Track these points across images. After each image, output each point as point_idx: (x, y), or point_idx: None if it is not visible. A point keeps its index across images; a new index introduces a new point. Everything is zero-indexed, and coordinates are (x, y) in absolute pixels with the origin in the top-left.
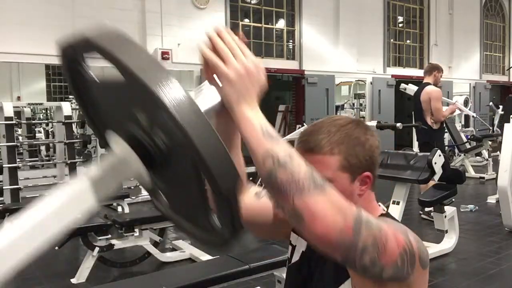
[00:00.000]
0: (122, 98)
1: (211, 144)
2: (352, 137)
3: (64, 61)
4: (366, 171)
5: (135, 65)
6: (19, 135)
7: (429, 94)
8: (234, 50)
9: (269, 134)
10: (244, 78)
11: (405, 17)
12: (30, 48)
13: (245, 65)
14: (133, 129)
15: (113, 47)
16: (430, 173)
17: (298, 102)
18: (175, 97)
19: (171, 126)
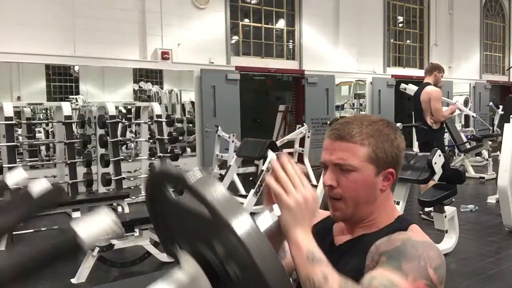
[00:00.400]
0: (199, 224)
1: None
2: (382, 132)
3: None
4: (391, 167)
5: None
6: (19, 135)
7: (429, 94)
8: (294, 181)
9: (312, 258)
10: (302, 206)
11: (405, 17)
12: (30, 48)
13: (303, 195)
14: (207, 254)
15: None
16: (430, 173)
17: (298, 102)
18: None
19: (247, 263)
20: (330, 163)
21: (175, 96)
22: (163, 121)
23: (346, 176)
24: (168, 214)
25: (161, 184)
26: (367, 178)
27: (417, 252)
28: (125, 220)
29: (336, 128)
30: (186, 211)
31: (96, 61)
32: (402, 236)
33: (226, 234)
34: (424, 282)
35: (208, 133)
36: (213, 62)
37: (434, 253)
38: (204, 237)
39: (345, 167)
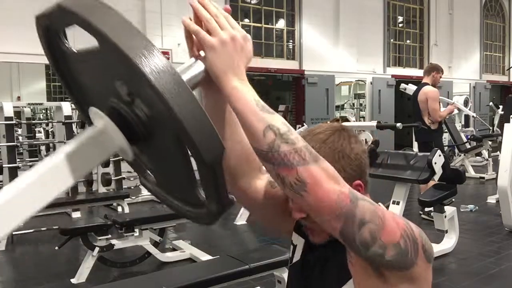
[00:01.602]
0: (102, 70)
1: (192, 113)
2: (336, 150)
3: (41, 33)
4: (356, 180)
5: (113, 33)
6: (19, 135)
7: (426, 94)
8: (218, 18)
9: (264, 107)
10: (230, 47)
11: (405, 17)
12: (30, 48)
13: (230, 33)
14: (114, 102)
15: (91, 15)
16: (430, 173)
17: (298, 102)
18: (156, 66)
19: (152, 96)
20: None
21: None
22: None
23: None
24: (73, 69)
25: (55, 34)
26: None
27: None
28: (125, 220)
29: None
30: (85, 58)
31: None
32: None
33: (126, 69)
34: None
35: None
36: None
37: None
38: (109, 83)
39: None
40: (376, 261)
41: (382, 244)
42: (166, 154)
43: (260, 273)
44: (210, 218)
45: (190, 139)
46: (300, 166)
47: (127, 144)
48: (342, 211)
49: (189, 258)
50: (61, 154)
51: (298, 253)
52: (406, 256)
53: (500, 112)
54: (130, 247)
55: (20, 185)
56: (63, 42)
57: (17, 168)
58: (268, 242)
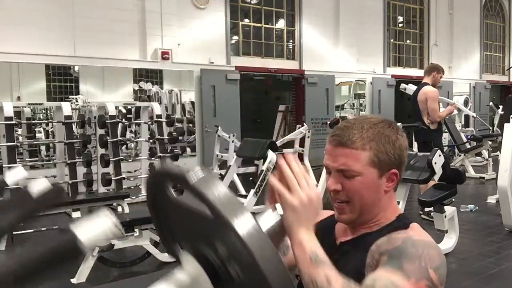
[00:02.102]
0: (200, 224)
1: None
2: (384, 135)
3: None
4: (394, 168)
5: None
6: (19, 135)
7: (425, 94)
8: (300, 180)
9: (316, 259)
10: (306, 206)
11: (405, 17)
12: (30, 48)
13: (308, 194)
14: (209, 254)
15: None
16: (430, 173)
17: (298, 102)
18: (254, 237)
19: (249, 263)
20: (333, 169)
21: (175, 96)
22: (163, 121)
23: (350, 180)
24: (169, 213)
25: (162, 183)
26: (371, 181)
27: (418, 252)
28: (125, 220)
29: (337, 134)
30: (187, 210)
31: (96, 61)
32: (402, 235)
33: (228, 234)
34: (425, 283)
35: (208, 133)
36: (213, 62)
37: (435, 252)
38: (206, 237)
39: (348, 173)
40: None
41: None
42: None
43: None
44: None
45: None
46: None
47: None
48: None
49: None
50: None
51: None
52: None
53: (500, 112)
54: (130, 247)
55: None
56: (170, 190)
57: None
58: None
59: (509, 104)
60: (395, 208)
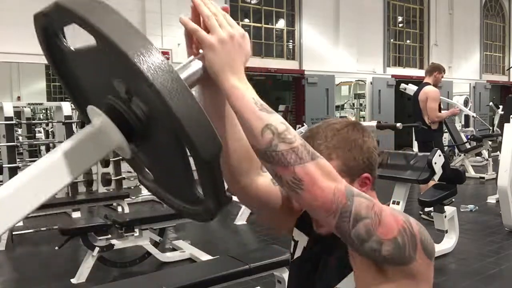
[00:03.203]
0: (99, 68)
1: (190, 111)
2: (349, 140)
3: (39, 32)
4: (365, 172)
5: (112, 31)
6: (19, 135)
7: (426, 94)
8: (217, 16)
9: (262, 106)
10: (229, 45)
11: (405, 17)
12: (30, 48)
13: (229, 31)
14: (111, 100)
15: (89, 13)
16: (430, 173)
17: (298, 102)
18: (154, 64)
19: (150, 94)
20: None
21: None
22: None
23: None
24: (71, 68)
25: (53, 33)
26: None
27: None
28: (125, 220)
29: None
30: (84, 57)
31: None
32: None
33: (124, 67)
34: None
35: None
36: None
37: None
38: (107, 81)
39: None
40: (372, 256)
41: (378, 239)
42: (164, 152)
43: (260, 273)
44: (208, 215)
45: (187, 137)
46: (297, 165)
47: (125, 141)
48: (337, 207)
49: (189, 258)
50: (59, 152)
51: (299, 249)
52: (403, 252)
53: (500, 112)
54: (130, 247)
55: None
56: (62, 40)
57: (17, 168)
58: (268, 242)
59: (509, 104)
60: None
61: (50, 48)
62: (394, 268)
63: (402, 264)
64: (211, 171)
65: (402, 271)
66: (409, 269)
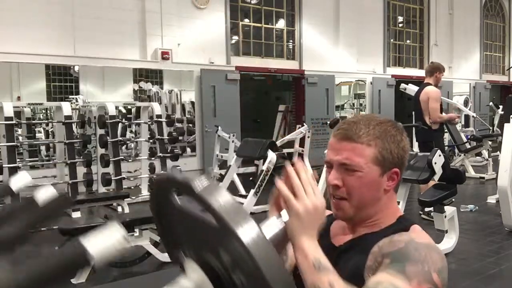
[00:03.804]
0: (207, 233)
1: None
2: (389, 134)
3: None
4: (396, 167)
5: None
6: (19, 135)
7: (427, 94)
8: (306, 187)
9: (319, 266)
10: (311, 214)
11: (405, 17)
12: (30, 48)
13: (313, 202)
14: (213, 262)
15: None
16: (430, 173)
17: (298, 102)
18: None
19: (251, 269)
20: (335, 163)
21: (175, 96)
22: (163, 121)
23: (351, 176)
24: (174, 220)
25: (167, 190)
26: (372, 178)
27: (421, 255)
28: (125, 220)
29: (343, 128)
30: (192, 218)
31: (96, 61)
32: (404, 237)
33: (233, 243)
34: (428, 286)
35: (208, 133)
36: (213, 62)
37: (437, 255)
38: (210, 245)
39: (350, 167)
40: None
41: None
42: None
43: None
44: None
45: None
46: None
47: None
48: None
49: None
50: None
51: None
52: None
53: (500, 112)
54: (130, 247)
55: None
56: (175, 197)
57: (17, 168)
58: None
59: (509, 104)
60: (396, 209)
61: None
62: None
63: None
64: None
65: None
66: None
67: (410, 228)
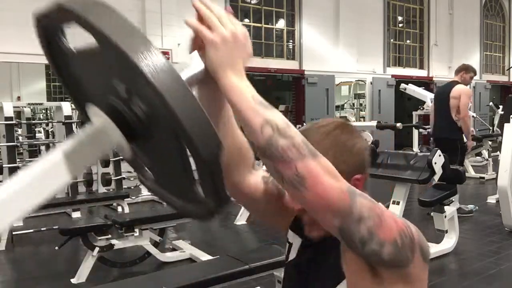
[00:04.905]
0: (100, 68)
1: (190, 110)
2: (339, 143)
3: (40, 32)
4: (356, 174)
5: (113, 31)
6: (19, 135)
7: (460, 92)
8: (221, 17)
9: (261, 103)
10: (230, 43)
11: (405, 17)
12: (30, 48)
13: (231, 30)
14: (112, 100)
15: (90, 14)
16: (430, 173)
17: (298, 102)
18: (154, 64)
19: (150, 94)
20: None
21: None
22: None
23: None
24: (70, 67)
25: (54, 33)
26: None
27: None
28: (125, 220)
29: None
30: (84, 57)
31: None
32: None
33: (124, 66)
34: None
35: None
36: None
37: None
38: (107, 81)
39: None
40: (373, 258)
41: (380, 241)
42: (164, 151)
43: (260, 273)
44: (208, 214)
45: (188, 136)
46: (299, 162)
47: (125, 141)
48: (340, 207)
49: (189, 258)
50: (59, 152)
51: (294, 251)
52: (403, 254)
53: (500, 112)
54: (130, 247)
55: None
56: (62, 41)
57: (17, 168)
58: (268, 242)
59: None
60: None
61: (51, 48)
62: (391, 271)
63: (400, 267)
64: (212, 171)
65: (399, 275)
66: (405, 272)
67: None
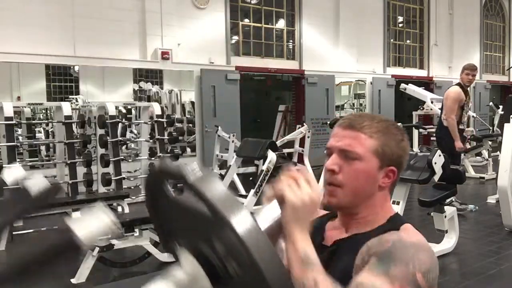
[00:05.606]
0: (199, 221)
1: (277, 273)
2: (391, 131)
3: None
4: (393, 166)
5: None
6: (19, 135)
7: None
8: (303, 181)
9: (307, 261)
10: (307, 207)
11: (405, 17)
12: (30, 48)
13: (310, 194)
14: (207, 252)
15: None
16: (430, 173)
17: (298, 102)
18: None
19: (245, 259)
20: (336, 149)
21: (175, 96)
22: (163, 121)
23: (350, 163)
24: (168, 211)
25: (160, 181)
26: (370, 169)
27: (407, 255)
28: (125, 220)
29: (349, 118)
30: (186, 208)
31: (96, 61)
32: (393, 236)
33: (226, 232)
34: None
35: (208, 133)
36: (213, 62)
37: (426, 255)
38: (204, 235)
39: (350, 154)
40: None
41: None
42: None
43: None
44: None
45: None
46: None
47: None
48: None
49: None
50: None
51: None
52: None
53: (500, 112)
54: (130, 247)
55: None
56: (168, 188)
57: None
58: None
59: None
60: (389, 209)
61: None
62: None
63: None
64: None
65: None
66: None
67: (401, 227)
